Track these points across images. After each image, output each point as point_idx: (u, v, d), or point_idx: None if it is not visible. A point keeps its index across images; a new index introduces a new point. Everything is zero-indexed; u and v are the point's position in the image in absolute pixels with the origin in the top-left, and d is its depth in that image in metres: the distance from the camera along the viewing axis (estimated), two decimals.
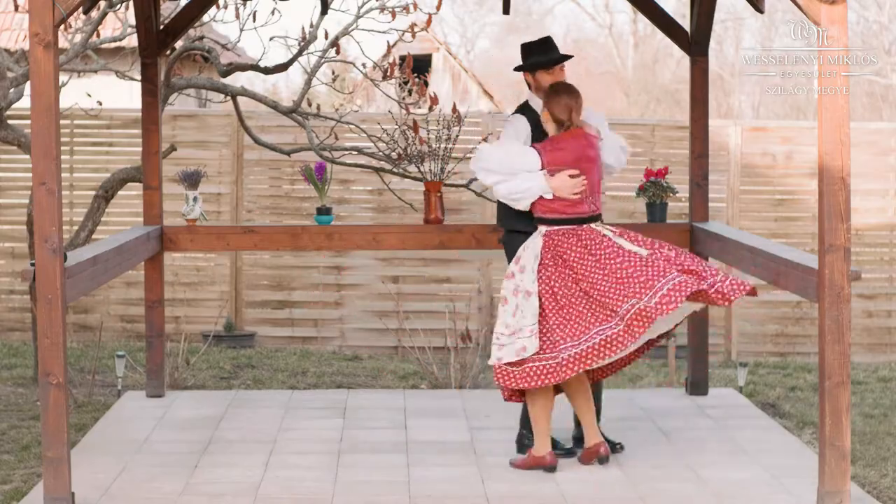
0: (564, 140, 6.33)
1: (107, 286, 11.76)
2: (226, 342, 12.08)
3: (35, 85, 5.51)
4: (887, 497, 7.19)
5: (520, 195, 6.33)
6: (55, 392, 5.57)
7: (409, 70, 9.64)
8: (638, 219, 11.73)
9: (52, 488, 5.61)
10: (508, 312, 6.25)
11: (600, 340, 6.03)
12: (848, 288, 5.54)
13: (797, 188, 12.56)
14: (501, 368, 6.21)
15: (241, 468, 6.41)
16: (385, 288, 12.21)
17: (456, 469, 6.41)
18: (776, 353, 12.40)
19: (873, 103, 32.15)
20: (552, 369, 6.09)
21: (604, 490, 6.09)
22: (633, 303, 5.97)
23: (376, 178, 11.00)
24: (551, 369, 6.09)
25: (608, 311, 6.05)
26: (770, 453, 6.71)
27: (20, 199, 12.00)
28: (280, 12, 9.53)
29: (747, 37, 39.34)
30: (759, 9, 7.69)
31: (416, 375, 10.83)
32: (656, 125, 12.77)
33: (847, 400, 5.56)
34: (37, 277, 5.56)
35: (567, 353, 6.05)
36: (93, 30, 9.80)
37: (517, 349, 6.14)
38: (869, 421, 9.35)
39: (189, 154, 11.84)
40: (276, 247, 8.54)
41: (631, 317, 5.97)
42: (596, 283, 6.10)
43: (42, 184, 5.53)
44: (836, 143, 5.49)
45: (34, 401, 9.20)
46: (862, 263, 12.30)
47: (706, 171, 8.10)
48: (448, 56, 26.87)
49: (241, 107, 10.37)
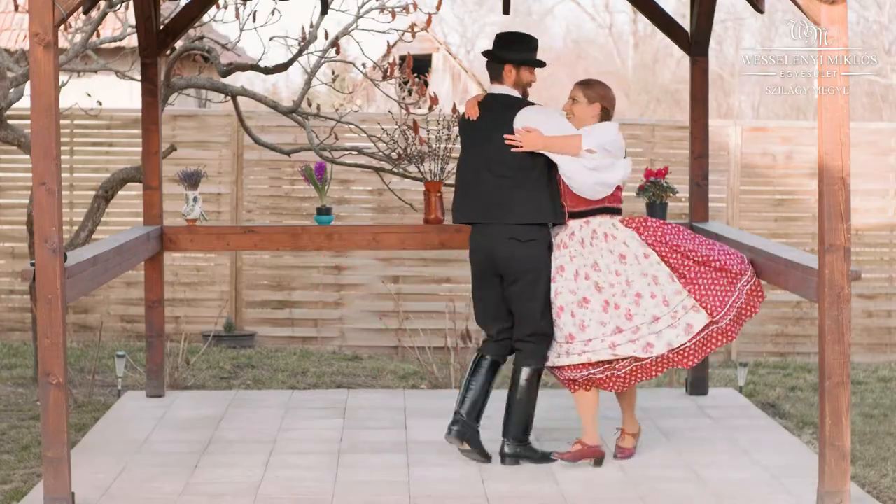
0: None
1: (107, 286, 11.76)
2: (226, 342, 12.07)
3: (35, 85, 5.52)
4: (887, 497, 7.19)
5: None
6: (55, 392, 5.58)
7: (409, 70, 9.64)
8: None
9: (52, 488, 5.61)
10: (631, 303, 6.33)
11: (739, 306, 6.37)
12: (848, 288, 5.54)
13: (797, 188, 12.55)
14: (672, 354, 6.34)
15: (241, 468, 6.42)
16: (385, 288, 12.21)
17: (456, 469, 6.42)
18: (776, 353, 12.40)
19: (873, 103, 32.15)
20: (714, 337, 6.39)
21: (604, 490, 6.09)
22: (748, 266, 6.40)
23: (376, 178, 11.01)
24: (713, 336, 6.38)
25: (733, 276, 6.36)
26: (770, 453, 6.71)
27: (20, 199, 12.00)
28: (280, 12, 9.54)
29: (747, 37, 39.37)
30: (759, 9, 7.69)
31: (416, 375, 10.83)
32: (656, 125, 12.77)
33: (847, 400, 5.56)
34: (37, 277, 5.56)
35: (726, 319, 6.36)
36: (93, 30, 9.79)
37: (684, 328, 6.31)
38: (869, 421, 9.35)
39: (189, 154, 11.83)
40: (276, 247, 8.54)
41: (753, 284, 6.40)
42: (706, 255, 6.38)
43: (42, 184, 5.53)
44: (836, 143, 5.49)
45: (34, 401, 9.20)
46: (862, 263, 12.30)
47: (706, 171, 8.11)
48: (448, 56, 26.87)
49: (241, 107, 10.37)
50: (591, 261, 6.34)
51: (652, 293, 6.26)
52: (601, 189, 6.34)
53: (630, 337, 6.25)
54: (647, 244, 6.33)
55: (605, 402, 6.96)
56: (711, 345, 6.35)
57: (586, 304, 6.30)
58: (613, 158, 6.34)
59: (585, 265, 6.34)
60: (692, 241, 6.41)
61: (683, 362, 6.32)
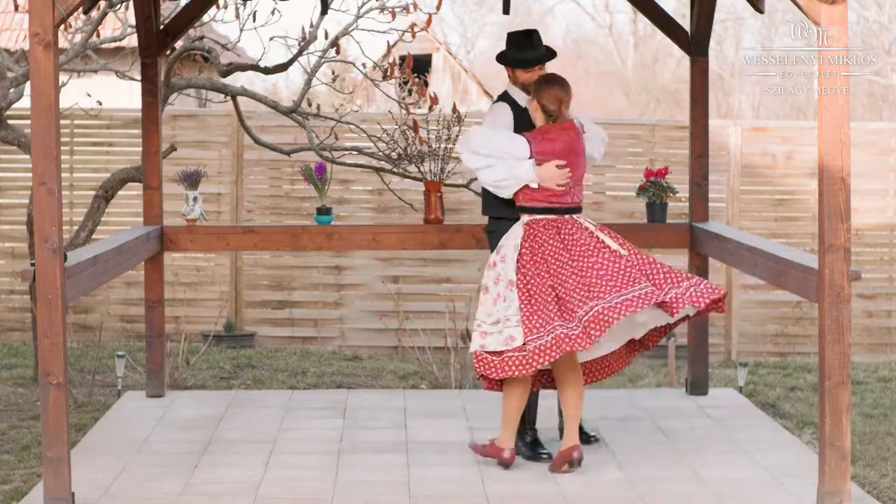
0: (554, 131, 6.37)
1: (107, 286, 11.76)
2: (226, 342, 12.07)
3: (35, 85, 5.51)
4: (887, 497, 7.19)
5: (506, 183, 6.37)
6: (55, 392, 5.57)
7: (409, 70, 9.64)
8: (638, 219, 11.73)
9: (52, 488, 5.61)
10: (489, 301, 6.30)
11: (555, 336, 6.04)
12: (848, 288, 5.54)
13: (797, 188, 12.56)
14: (482, 357, 6.23)
15: (241, 468, 6.41)
16: (385, 288, 12.21)
17: (456, 469, 6.41)
18: (776, 353, 12.40)
19: (873, 103, 32.15)
20: (521, 360, 6.12)
21: (604, 490, 6.09)
22: (592, 305, 6.01)
23: (376, 178, 11.01)
24: (521, 360, 6.12)
25: (568, 311, 6.09)
26: (770, 453, 6.71)
27: (20, 199, 12.00)
28: (280, 12, 9.54)
29: (747, 37, 39.37)
30: (759, 9, 7.69)
31: (416, 375, 10.83)
32: (656, 125, 12.77)
33: (847, 400, 5.56)
34: (37, 277, 5.56)
35: (532, 344, 6.08)
36: (93, 30, 9.80)
37: (504, 338, 6.18)
38: (869, 421, 9.35)
39: (189, 154, 11.83)
40: (276, 247, 8.54)
41: (588, 319, 6.00)
42: (565, 280, 6.15)
43: (42, 184, 5.53)
44: (836, 143, 5.49)
45: (34, 401, 9.20)
46: (862, 263, 12.30)
47: (706, 171, 8.10)
48: (448, 56, 26.88)
49: (241, 107, 10.37)
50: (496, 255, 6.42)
51: (504, 296, 6.23)
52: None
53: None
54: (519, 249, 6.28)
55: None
56: (513, 367, 6.10)
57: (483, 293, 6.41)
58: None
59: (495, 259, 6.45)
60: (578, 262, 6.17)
61: (487, 370, 6.19)
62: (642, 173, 8.09)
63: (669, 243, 8.19)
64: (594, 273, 6.12)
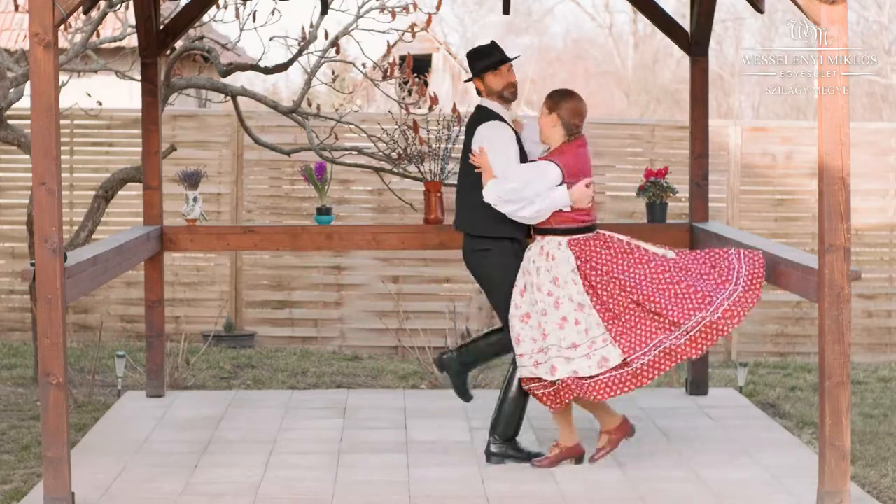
0: (580, 148, 6.38)
1: (107, 286, 11.76)
2: (226, 342, 12.07)
3: (35, 85, 5.52)
4: (887, 497, 7.19)
5: (544, 214, 6.32)
6: (55, 392, 5.58)
7: (409, 70, 9.64)
8: (638, 219, 11.73)
9: (52, 488, 5.61)
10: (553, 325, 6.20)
11: (661, 350, 6.09)
12: (848, 288, 5.54)
13: (797, 188, 12.55)
14: (573, 382, 6.18)
15: (241, 468, 6.42)
16: (385, 288, 12.21)
17: (456, 469, 6.42)
18: (776, 353, 12.39)
19: (873, 103, 32.14)
20: (627, 378, 6.15)
21: (604, 490, 6.09)
22: (701, 316, 6.06)
23: (376, 178, 11.00)
24: (627, 378, 6.14)
25: (668, 323, 6.10)
26: (770, 453, 6.72)
27: (20, 199, 12.00)
28: (280, 12, 9.53)
29: (747, 37, 39.34)
30: (759, 9, 7.69)
31: (416, 375, 10.83)
32: (656, 125, 12.76)
33: (847, 400, 5.56)
34: (37, 277, 5.56)
35: (639, 361, 6.10)
36: (93, 30, 9.79)
37: (598, 360, 6.15)
38: (869, 421, 9.35)
39: (189, 154, 11.83)
40: (276, 247, 8.55)
41: (698, 331, 6.06)
42: (649, 295, 6.13)
43: (42, 184, 5.53)
44: (836, 143, 5.49)
45: (34, 401, 9.20)
46: (862, 263, 12.30)
47: (706, 171, 8.11)
48: (448, 56, 26.88)
49: (241, 107, 10.37)
50: (536, 279, 6.33)
51: (576, 319, 6.21)
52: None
53: (536, 358, 6.27)
54: (578, 270, 6.25)
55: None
56: (619, 387, 6.17)
57: (527, 320, 6.33)
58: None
59: (531, 282, 6.35)
60: (647, 275, 6.20)
61: (587, 393, 6.21)
62: (642, 173, 8.09)
63: (669, 243, 8.17)
64: (678, 288, 6.13)
